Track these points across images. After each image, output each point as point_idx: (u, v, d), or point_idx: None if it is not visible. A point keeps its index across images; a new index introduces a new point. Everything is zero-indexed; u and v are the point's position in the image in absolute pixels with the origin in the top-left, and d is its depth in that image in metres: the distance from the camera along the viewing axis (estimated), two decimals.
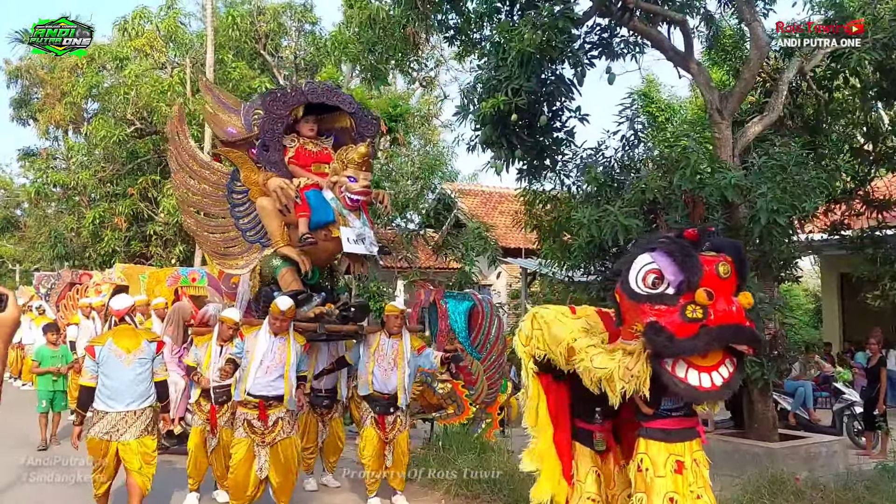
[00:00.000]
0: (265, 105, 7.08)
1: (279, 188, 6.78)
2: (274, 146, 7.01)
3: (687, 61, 10.09)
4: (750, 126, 10.05)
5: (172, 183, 7.74)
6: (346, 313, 7.06)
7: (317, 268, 7.19)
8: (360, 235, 6.82)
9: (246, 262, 7.18)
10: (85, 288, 13.55)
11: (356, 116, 7.41)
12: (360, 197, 6.78)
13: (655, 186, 8.16)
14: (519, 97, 8.90)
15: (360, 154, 6.73)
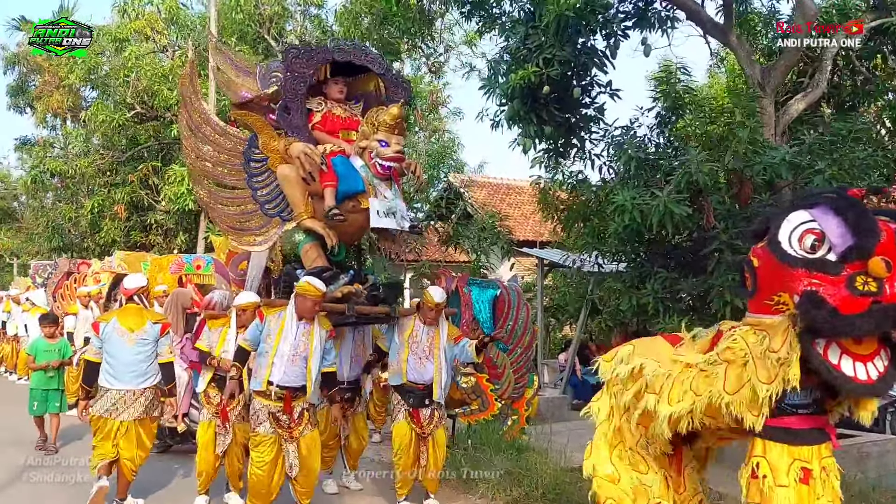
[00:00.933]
0: (287, 62, 6.32)
1: (302, 154, 6.10)
2: (296, 108, 6.27)
3: (726, 33, 9.45)
4: (792, 103, 9.45)
5: (183, 150, 6.94)
6: (375, 293, 6.32)
7: (343, 245, 6.47)
8: (391, 209, 6.14)
9: (265, 239, 6.46)
10: (83, 277, 12.91)
11: (386, 79, 6.68)
12: (392, 163, 6.09)
13: (706, 169, 7.49)
14: (552, 68, 8.27)
15: (393, 115, 6.05)
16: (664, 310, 8.16)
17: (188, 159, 6.74)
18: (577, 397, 13.78)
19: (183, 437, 8.52)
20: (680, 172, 7.74)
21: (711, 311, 7.78)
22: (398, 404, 6.38)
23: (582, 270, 10.67)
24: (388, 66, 6.83)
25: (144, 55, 19.04)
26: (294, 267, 6.31)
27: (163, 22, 19.35)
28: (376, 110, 6.21)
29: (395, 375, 6.42)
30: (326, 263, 6.19)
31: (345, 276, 6.26)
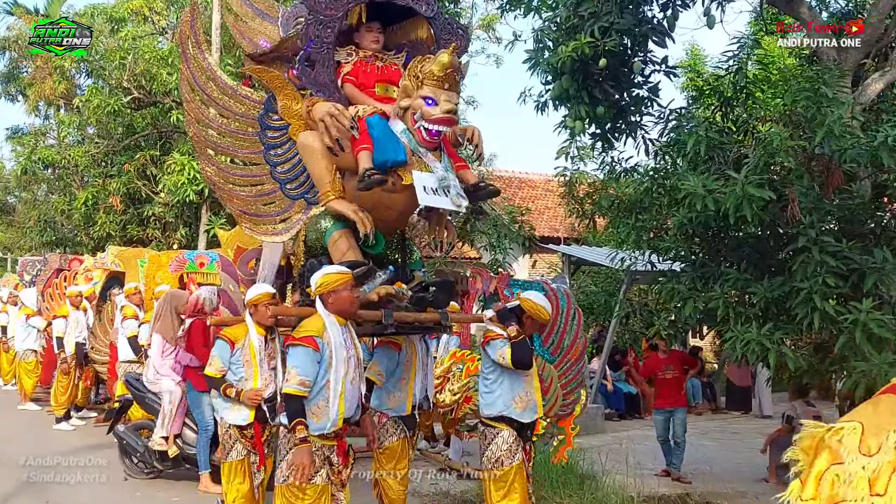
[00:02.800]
0: (309, 2, 5.00)
1: (328, 115, 4.77)
2: (322, 61, 4.98)
3: (796, 3, 8.42)
4: (870, 83, 8.42)
5: (185, 117, 5.65)
6: (422, 295, 5.15)
7: (380, 233, 5.11)
8: (443, 182, 4.75)
9: (286, 227, 5.24)
10: (74, 274, 11.91)
11: (436, 23, 5.28)
12: (442, 127, 4.72)
13: (793, 145, 6.46)
14: (609, 38, 7.23)
15: (442, 64, 4.65)
16: (736, 316, 7.14)
17: (191, 128, 5.47)
18: (609, 406, 12.82)
19: (175, 461, 7.50)
20: (758, 152, 6.71)
21: (795, 318, 6.75)
22: (515, 443, 5.31)
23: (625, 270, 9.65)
24: (439, 8, 5.43)
25: (142, 37, 17.98)
26: (319, 261, 5.06)
27: (162, 2, 18.28)
28: (421, 59, 4.85)
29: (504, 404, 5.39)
30: (360, 257, 4.98)
31: (383, 274, 5.07)
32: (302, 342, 4.37)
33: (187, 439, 7.53)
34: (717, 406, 14.12)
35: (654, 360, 9.23)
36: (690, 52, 19.36)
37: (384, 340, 5.80)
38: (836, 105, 6.64)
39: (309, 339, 4.37)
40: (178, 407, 7.53)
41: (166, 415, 7.55)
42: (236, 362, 5.78)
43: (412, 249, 5.66)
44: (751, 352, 6.81)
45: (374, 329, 5.06)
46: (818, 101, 6.85)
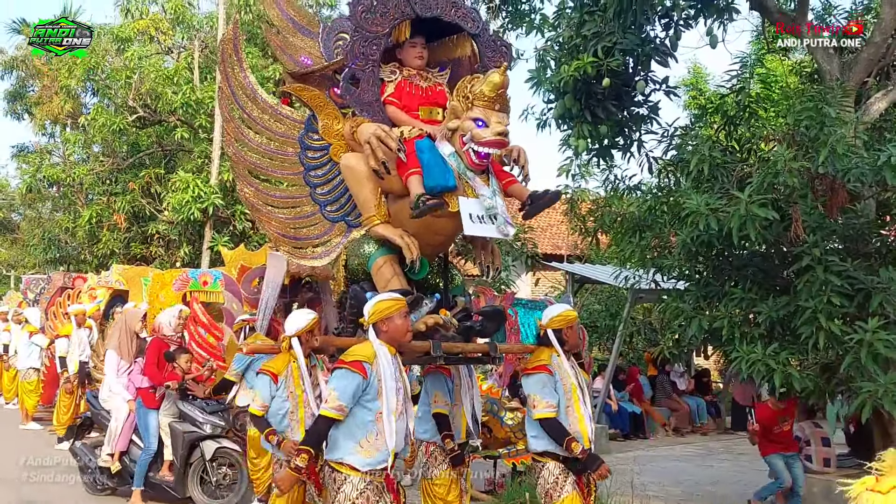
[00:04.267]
0: (354, 18, 4.85)
1: (374, 137, 4.62)
2: (367, 79, 4.85)
3: (798, 23, 8.44)
4: (873, 102, 8.42)
5: (224, 136, 5.61)
6: (469, 324, 4.96)
7: (424, 259, 4.90)
8: (491, 210, 4.60)
9: (325, 250, 5.12)
10: (78, 293, 11.90)
11: (481, 41, 5.14)
12: (493, 150, 4.57)
13: (797, 167, 6.45)
14: (612, 57, 7.25)
15: (494, 84, 4.52)
16: (741, 336, 7.10)
17: (229, 148, 5.34)
18: (613, 426, 12.74)
19: (120, 478, 7.59)
20: (762, 172, 6.70)
21: (801, 338, 6.71)
22: (561, 474, 4.86)
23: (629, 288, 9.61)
24: (486, 24, 5.34)
25: (148, 56, 18.11)
26: (362, 287, 4.87)
27: (168, 22, 18.42)
28: (470, 79, 4.71)
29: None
30: (405, 285, 4.79)
31: (429, 301, 4.92)
32: (351, 366, 4.14)
33: (135, 457, 7.57)
34: (723, 426, 14.03)
35: (768, 414, 8.14)
36: (693, 71, 19.44)
37: (433, 367, 5.57)
38: (838, 124, 6.63)
39: (358, 365, 4.13)
40: (125, 425, 7.60)
41: (112, 432, 7.65)
42: (280, 395, 5.49)
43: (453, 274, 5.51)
44: (756, 372, 6.77)
45: (420, 360, 4.94)
46: (821, 120, 6.84)
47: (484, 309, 5.53)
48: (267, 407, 5.45)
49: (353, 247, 5.05)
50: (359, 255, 4.97)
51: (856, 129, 7.95)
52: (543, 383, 4.82)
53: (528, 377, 4.93)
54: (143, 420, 7.37)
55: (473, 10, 5.22)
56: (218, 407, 7.40)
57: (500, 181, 4.82)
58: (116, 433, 7.62)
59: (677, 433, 13.37)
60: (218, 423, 7.25)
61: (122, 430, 7.60)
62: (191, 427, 7.24)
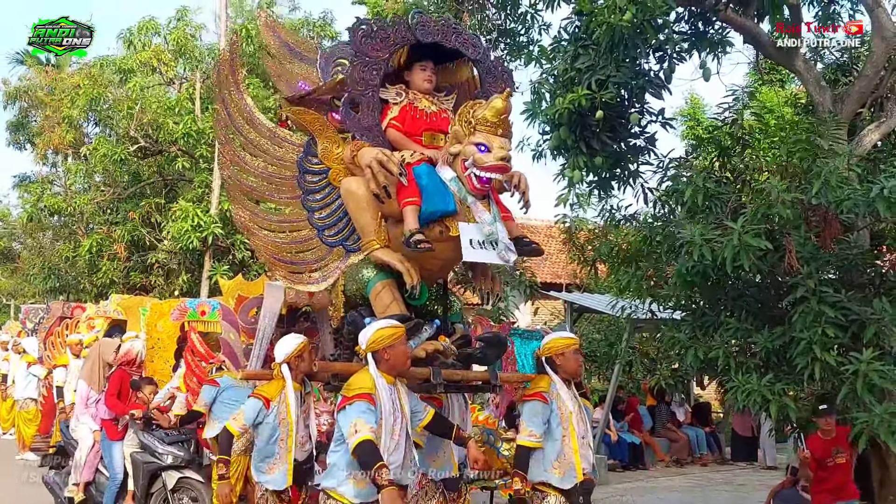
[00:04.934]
0: (355, 44, 4.87)
1: (375, 161, 4.60)
2: (367, 104, 4.86)
3: (792, 57, 8.54)
4: (866, 134, 8.50)
5: (219, 159, 5.53)
6: (469, 351, 4.96)
7: (424, 284, 4.91)
8: (491, 236, 4.62)
9: (323, 275, 5.04)
10: (76, 322, 11.91)
11: (482, 67, 5.19)
12: (495, 175, 4.60)
13: (790, 199, 6.52)
14: (605, 90, 7.33)
15: (496, 110, 4.56)
16: (737, 366, 7.12)
17: (224, 171, 5.35)
18: (612, 457, 12.68)
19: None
20: (756, 203, 6.76)
21: (796, 368, 6.73)
22: None
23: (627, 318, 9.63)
24: (486, 49, 5.38)
25: (150, 87, 18.29)
26: (360, 313, 4.84)
27: (170, 53, 18.62)
28: (472, 104, 4.75)
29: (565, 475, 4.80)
30: (405, 310, 4.76)
31: (429, 328, 4.89)
32: (360, 398, 4.13)
33: (102, 486, 7.64)
34: (723, 457, 13.96)
35: (819, 444, 7.10)
36: (690, 101, 19.60)
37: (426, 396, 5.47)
38: (831, 156, 6.70)
39: (367, 396, 4.14)
40: (90, 455, 7.70)
41: (77, 462, 7.78)
42: (272, 422, 5.44)
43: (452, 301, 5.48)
44: (752, 402, 6.78)
45: (419, 388, 4.84)
46: (814, 152, 6.94)
47: (484, 336, 5.45)
48: (246, 428, 5.40)
49: (352, 272, 5.01)
50: (357, 280, 4.94)
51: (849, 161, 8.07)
52: (535, 412, 4.79)
53: (524, 404, 4.92)
54: (107, 451, 7.45)
55: (474, 36, 5.32)
56: (179, 437, 7.41)
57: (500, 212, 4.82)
58: (81, 463, 7.73)
59: (677, 464, 13.30)
60: (178, 454, 7.26)
61: (86, 461, 7.70)
62: (150, 457, 7.26)
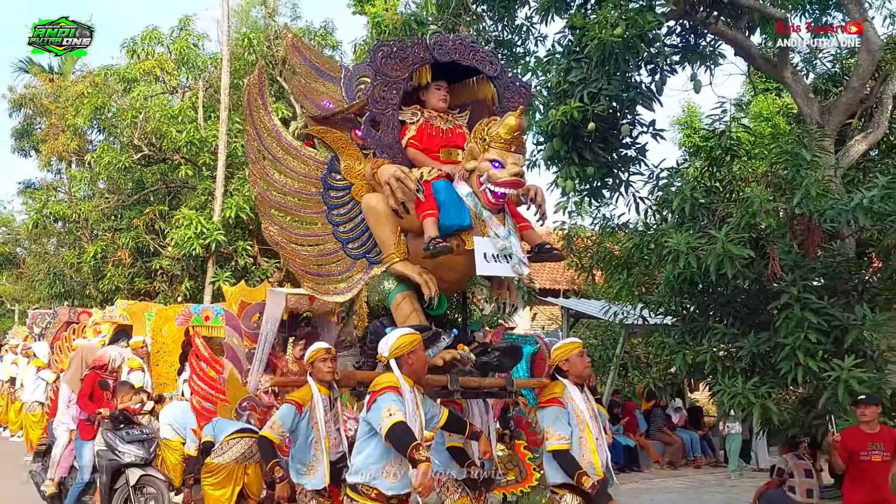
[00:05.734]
0: (375, 64, 5.05)
1: (394, 178, 4.79)
2: (387, 122, 5.05)
3: (780, 69, 8.81)
4: (853, 144, 8.78)
5: (249, 177, 5.76)
6: (486, 359, 5.08)
7: (443, 295, 5.06)
8: (505, 250, 4.74)
9: (347, 286, 5.27)
10: (83, 327, 12.14)
11: (499, 83, 5.32)
12: (508, 190, 4.75)
13: (770, 208, 6.76)
14: (597, 103, 7.59)
15: (510, 127, 4.72)
16: (723, 370, 7.35)
17: (255, 188, 5.52)
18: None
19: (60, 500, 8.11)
20: (740, 212, 7.00)
21: (780, 372, 6.96)
22: None
23: (625, 323, 9.86)
24: (503, 66, 5.53)
25: (153, 96, 18.54)
26: (382, 323, 5.01)
27: (173, 62, 18.87)
28: (487, 122, 4.91)
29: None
30: (424, 320, 4.93)
31: (447, 337, 4.99)
32: (388, 390, 4.29)
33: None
34: (717, 460, 14.16)
35: (856, 436, 6.45)
36: (687, 110, 19.87)
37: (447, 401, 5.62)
38: (813, 167, 6.93)
39: (393, 388, 4.30)
40: (64, 452, 8.11)
41: (53, 459, 8.23)
42: (306, 426, 5.65)
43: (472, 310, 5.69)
44: (737, 405, 7.01)
45: (438, 394, 4.99)
46: (797, 163, 7.16)
47: (501, 345, 5.60)
48: (284, 434, 5.58)
49: (374, 283, 5.18)
50: (379, 292, 5.09)
51: (836, 171, 8.30)
52: (556, 416, 4.95)
53: (543, 410, 5.07)
54: (79, 450, 7.76)
55: (491, 54, 5.48)
56: (140, 437, 7.70)
57: (515, 223, 4.97)
58: (56, 460, 8.18)
59: (671, 466, 13.49)
60: (137, 453, 7.56)
61: (61, 457, 8.12)
62: (112, 455, 7.56)
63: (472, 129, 5.06)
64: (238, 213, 16.08)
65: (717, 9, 8.37)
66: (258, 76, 5.62)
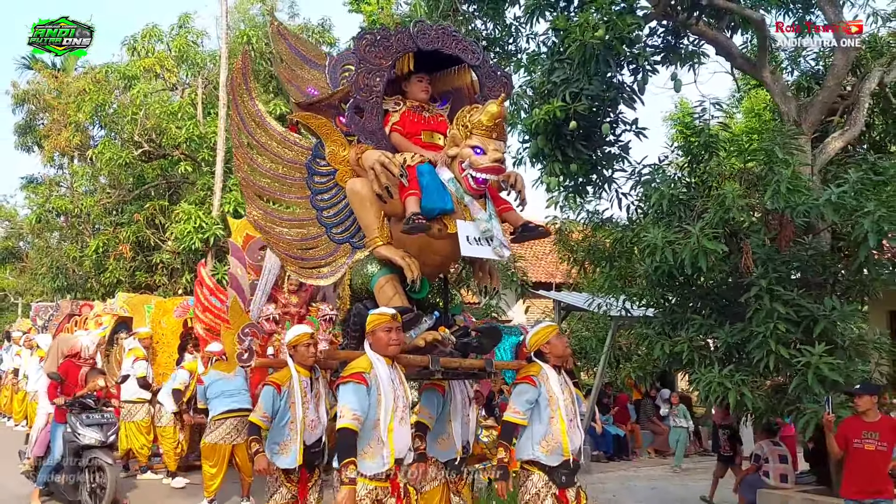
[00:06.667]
0: (359, 52, 5.14)
1: (378, 163, 4.91)
2: (371, 109, 5.16)
3: (760, 69, 9.05)
4: (829, 142, 9.00)
5: (234, 162, 5.79)
6: (466, 341, 5.24)
7: (425, 278, 5.24)
8: (487, 233, 4.94)
9: (331, 270, 5.32)
10: (84, 319, 12.45)
11: (481, 71, 5.46)
12: (490, 176, 4.91)
13: (741, 205, 7.04)
14: (579, 102, 7.86)
15: (491, 115, 4.85)
16: (700, 359, 7.65)
17: (239, 172, 5.55)
18: (597, 448, 13.19)
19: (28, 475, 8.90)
20: (714, 208, 7.28)
21: (752, 360, 7.26)
22: (543, 487, 5.15)
23: (608, 315, 10.15)
24: (485, 55, 5.65)
25: (153, 93, 18.80)
26: (366, 305, 5.13)
27: (172, 60, 19.12)
28: (469, 109, 5.05)
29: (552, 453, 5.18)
30: (406, 302, 5.06)
31: (428, 319, 5.18)
32: (352, 378, 4.43)
33: None
34: (704, 448, 14.46)
35: (853, 424, 6.51)
36: (679, 105, 20.13)
37: (429, 384, 5.91)
38: (784, 165, 7.20)
39: (358, 376, 4.44)
40: (41, 434, 8.75)
41: (31, 439, 9.18)
42: (284, 406, 5.85)
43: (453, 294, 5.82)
44: (713, 391, 7.30)
45: (419, 374, 5.17)
46: (770, 161, 7.44)
47: (481, 326, 5.68)
48: (268, 417, 5.84)
49: (357, 267, 5.48)
50: (362, 275, 5.42)
51: (813, 168, 8.56)
52: (522, 392, 5.24)
53: (515, 386, 5.35)
54: (53, 433, 8.34)
55: (473, 42, 5.58)
56: (101, 421, 8.21)
57: (497, 206, 5.18)
58: (33, 441, 8.97)
59: (659, 455, 13.81)
60: (93, 436, 8.06)
61: (37, 439, 8.80)
62: (73, 437, 8.07)
63: (453, 119, 5.19)
64: (236, 208, 16.38)
65: (698, 10, 8.60)
66: (242, 62, 5.68)
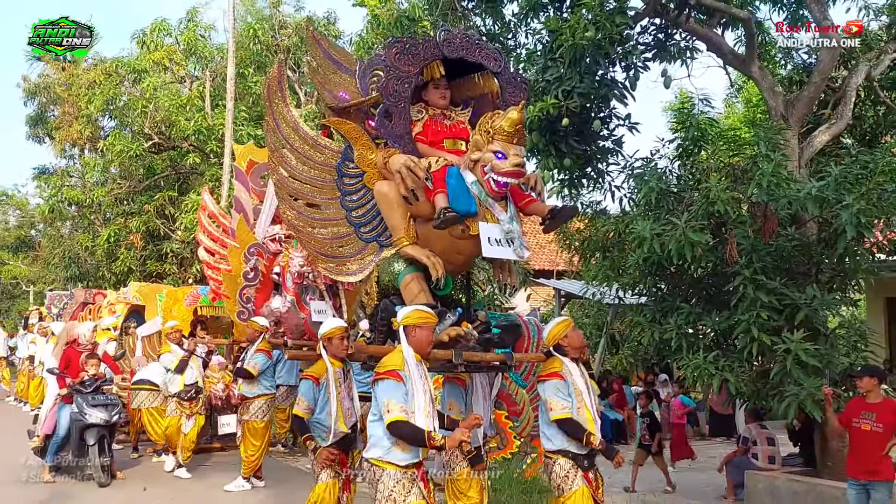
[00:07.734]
0: (388, 59, 5.34)
1: (404, 167, 5.13)
2: (399, 114, 5.35)
3: (748, 64, 9.34)
4: (816, 135, 9.29)
5: (268, 165, 6.04)
6: (487, 336, 5.42)
7: (448, 276, 5.49)
8: (508, 234, 5.13)
9: (360, 267, 5.56)
10: (98, 308, 12.85)
11: (502, 78, 5.64)
12: (511, 179, 5.08)
13: (725, 198, 7.35)
14: (571, 99, 8.17)
15: (512, 121, 5.03)
16: (688, 346, 7.99)
17: (274, 175, 5.75)
18: None
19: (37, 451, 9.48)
20: (699, 201, 7.59)
21: (737, 347, 7.59)
22: (571, 469, 5.43)
23: (602, 303, 10.49)
24: (507, 62, 5.85)
25: (162, 86, 19.15)
26: (392, 301, 5.35)
27: (181, 53, 19.46)
28: (491, 115, 5.23)
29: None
30: (431, 299, 5.28)
31: (452, 315, 5.36)
32: (388, 375, 4.56)
33: None
34: (702, 433, 14.78)
35: (855, 404, 6.68)
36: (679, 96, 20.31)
37: (450, 377, 6.11)
38: (766, 160, 7.49)
39: (395, 374, 4.57)
40: (49, 414, 9.38)
41: (40, 418, 9.80)
42: (322, 397, 6.08)
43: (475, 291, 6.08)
44: (700, 377, 7.65)
45: (443, 368, 5.34)
46: (754, 155, 7.74)
47: (503, 322, 5.80)
48: (312, 409, 6.11)
49: (385, 265, 5.60)
50: (389, 273, 5.56)
51: (800, 161, 8.86)
52: (557, 388, 5.46)
53: (544, 383, 5.55)
54: (60, 413, 9.07)
55: (496, 51, 5.77)
56: (105, 401, 8.95)
57: (521, 201, 5.38)
58: (42, 419, 9.63)
59: None
60: (99, 415, 8.79)
61: (45, 417, 9.45)
62: (79, 416, 8.80)
63: (476, 122, 5.38)
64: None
65: (688, 8, 8.88)
66: (278, 71, 5.91)
